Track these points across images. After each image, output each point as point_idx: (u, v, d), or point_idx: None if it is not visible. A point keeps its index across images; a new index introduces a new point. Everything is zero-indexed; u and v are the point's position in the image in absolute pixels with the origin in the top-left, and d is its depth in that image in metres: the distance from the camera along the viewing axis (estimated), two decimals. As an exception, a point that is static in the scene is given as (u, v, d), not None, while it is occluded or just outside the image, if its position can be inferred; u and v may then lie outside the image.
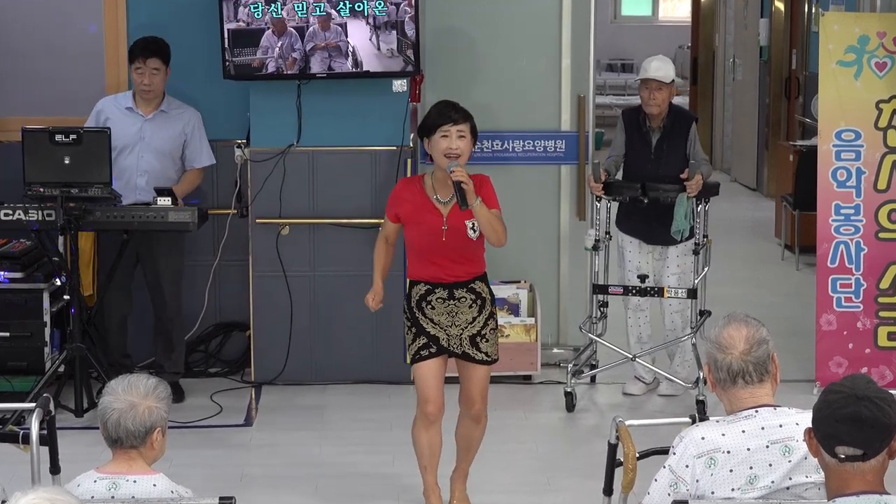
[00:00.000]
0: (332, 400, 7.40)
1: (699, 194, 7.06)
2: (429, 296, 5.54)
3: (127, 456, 3.73)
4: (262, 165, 7.48)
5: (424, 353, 5.54)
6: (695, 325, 7.17)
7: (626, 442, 4.15)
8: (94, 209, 6.79)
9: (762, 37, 14.05)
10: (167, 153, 7.21)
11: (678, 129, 7.20)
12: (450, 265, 5.53)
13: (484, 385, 5.63)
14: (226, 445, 6.73)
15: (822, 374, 7.36)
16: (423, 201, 5.54)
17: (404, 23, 7.17)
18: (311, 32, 7.24)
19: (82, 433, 6.44)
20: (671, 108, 7.24)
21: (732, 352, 3.71)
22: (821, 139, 7.44)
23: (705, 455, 3.63)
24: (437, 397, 5.54)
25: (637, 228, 7.30)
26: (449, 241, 5.49)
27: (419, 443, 5.63)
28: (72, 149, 6.67)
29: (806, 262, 10.35)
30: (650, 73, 7.14)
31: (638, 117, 7.25)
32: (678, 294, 7.12)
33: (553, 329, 8.00)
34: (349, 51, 7.21)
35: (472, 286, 5.57)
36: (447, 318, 5.53)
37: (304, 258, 7.56)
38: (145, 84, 7.12)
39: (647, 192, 7.09)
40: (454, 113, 5.50)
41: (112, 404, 3.72)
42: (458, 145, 5.45)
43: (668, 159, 7.17)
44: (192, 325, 7.73)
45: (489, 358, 5.59)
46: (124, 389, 3.74)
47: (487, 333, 5.57)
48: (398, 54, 7.21)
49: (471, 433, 5.70)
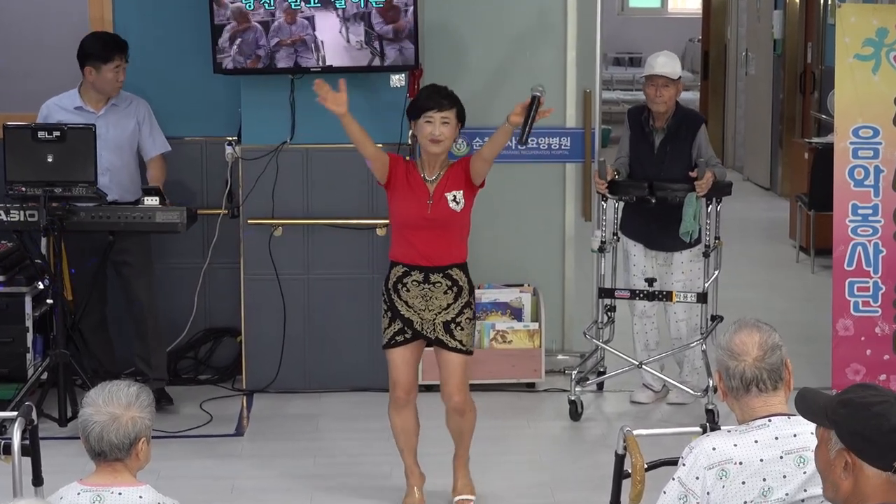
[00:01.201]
0: (326, 409, 7.39)
1: (710, 194, 7.03)
2: (405, 278, 5.77)
3: (111, 468, 3.73)
4: (254, 163, 7.48)
5: (399, 338, 5.79)
6: (705, 331, 7.15)
7: (633, 452, 4.15)
8: (79, 209, 6.79)
9: (776, 29, 14.06)
10: (125, 147, 7.21)
11: (684, 132, 7.17)
12: (429, 244, 5.72)
13: (460, 377, 5.82)
14: (216, 456, 6.72)
15: (839, 382, 7.36)
16: (416, 176, 5.79)
17: (370, 15, 7.16)
18: (276, 27, 7.24)
19: (66, 443, 6.43)
20: (678, 108, 7.22)
21: (745, 359, 3.71)
22: (837, 136, 7.44)
23: (716, 466, 3.63)
24: (406, 381, 5.82)
25: (639, 232, 7.29)
26: (434, 213, 5.71)
27: (394, 426, 5.93)
28: (55, 146, 6.67)
29: (822, 265, 10.35)
30: (656, 69, 7.13)
31: (641, 116, 7.24)
32: (688, 298, 7.09)
33: (557, 335, 8.00)
34: (315, 45, 7.20)
35: (449, 272, 5.77)
36: (421, 302, 5.75)
37: (297, 260, 7.56)
38: (119, 81, 7.15)
39: (654, 192, 7.08)
40: (441, 99, 5.74)
41: (93, 417, 3.71)
42: (442, 131, 5.70)
43: (671, 162, 7.13)
44: (181, 330, 7.73)
45: (463, 347, 5.79)
46: (105, 400, 3.73)
47: (463, 322, 5.77)
48: (366, 46, 7.21)
49: (458, 425, 5.94)
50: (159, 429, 5.78)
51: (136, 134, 7.26)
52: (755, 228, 12.59)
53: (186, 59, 7.60)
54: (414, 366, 5.86)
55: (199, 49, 7.40)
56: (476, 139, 7.77)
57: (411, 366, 5.84)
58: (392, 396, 5.87)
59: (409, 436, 5.93)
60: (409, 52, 7.26)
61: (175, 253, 7.67)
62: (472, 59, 7.83)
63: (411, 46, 7.24)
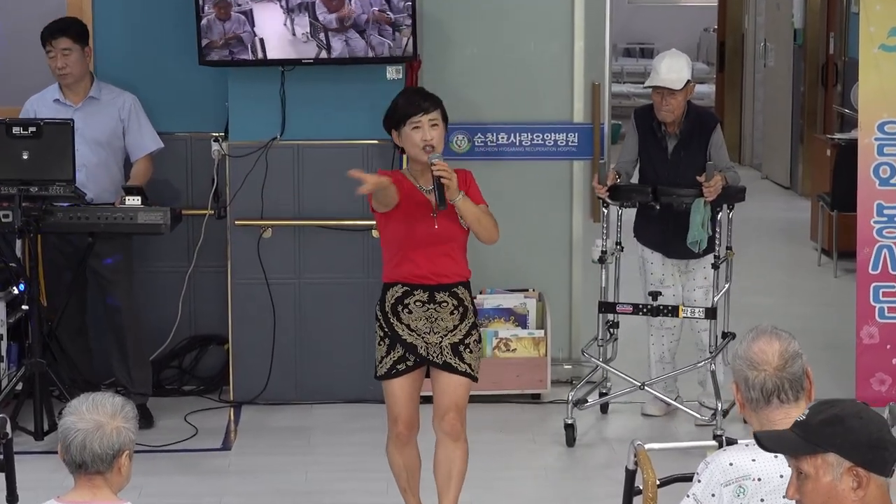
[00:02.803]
0: (319, 421, 7.39)
1: (721, 200, 6.89)
2: (406, 298, 5.53)
3: (91, 483, 3.72)
4: (242, 161, 7.48)
5: (401, 367, 5.52)
6: (714, 349, 7.00)
7: (645, 468, 4.15)
8: (56, 209, 6.78)
9: (796, 18, 14.06)
10: (104, 143, 7.20)
11: (698, 135, 7.06)
12: (434, 261, 5.52)
13: (462, 397, 5.57)
14: (201, 471, 6.72)
15: (863, 393, 7.36)
16: (410, 187, 5.56)
17: (315, 4, 7.16)
18: (206, 25, 7.21)
19: (42, 458, 6.43)
20: (690, 108, 7.10)
21: (766, 368, 3.70)
22: (861, 132, 7.44)
23: (734, 483, 3.63)
24: (409, 416, 5.56)
25: (655, 240, 7.21)
26: (441, 227, 5.51)
27: (395, 465, 5.66)
28: (31, 143, 6.67)
29: (845, 269, 10.34)
30: (661, 80, 6.96)
31: (652, 120, 7.11)
32: (694, 314, 6.95)
33: (564, 343, 7.99)
34: (253, 43, 7.20)
35: (455, 290, 5.57)
36: (425, 324, 5.52)
37: (288, 264, 7.56)
38: (59, 67, 7.12)
39: (658, 197, 6.96)
40: (423, 101, 5.54)
41: (76, 424, 3.71)
42: (433, 135, 5.47)
43: (686, 169, 6.99)
44: (165, 338, 7.73)
45: (472, 372, 5.56)
46: (89, 408, 3.73)
47: (471, 344, 5.56)
48: (312, 39, 7.21)
49: (450, 457, 5.57)
50: (142, 442, 5.76)
51: (118, 131, 7.24)
52: (774, 230, 12.59)
53: (169, 49, 7.60)
54: (416, 398, 5.58)
55: (184, 38, 7.40)
56: (478, 135, 7.77)
57: (414, 398, 5.56)
58: (393, 433, 5.59)
59: (412, 474, 5.66)
60: (355, 44, 7.21)
61: (158, 256, 7.67)
62: (473, 50, 7.83)
63: (356, 36, 7.21)
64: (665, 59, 7.07)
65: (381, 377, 5.58)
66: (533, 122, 7.85)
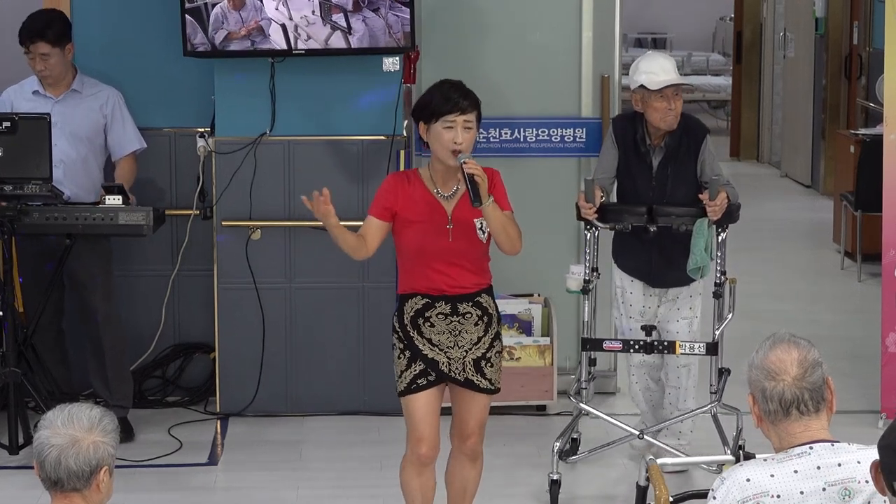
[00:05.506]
0: (310, 434, 7.40)
1: (722, 219, 6.45)
2: (427, 311, 5.49)
3: (68, 500, 3.73)
4: (229, 158, 7.49)
5: (421, 381, 5.47)
6: (715, 389, 6.57)
7: (657, 484, 4.15)
8: (32, 209, 6.79)
9: (818, 7, 14.08)
10: (83, 138, 7.22)
11: (686, 148, 6.62)
12: (454, 272, 5.49)
13: (483, 417, 5.60)
14: (186, 488, 6.73)
15: (889, 404, 7.37)
16: (424, 194, 5.49)
17: None
18: (217, 15, 7.22)
19: (17, 473, 6.45)
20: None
21: (784, 378, 3.71)
22: (887, 127, 7.45)
23: (751, 500, 3.63)
24: (432, 436, 5.50)
25: (638, 267, 6.76)
26: (456, 241, 5.46)
27: (410, 488, 5.61)
28: (5, 139, 6.69)
29: (869, 272, 10.36)
30: (671, 77, 6.55)
31: (635, 132, 6.65)
32: (694, 349, 6.52)
33: (572, 351, 7.99)
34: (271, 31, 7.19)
35: (479, 300, 5.54)
36: (449, 338, 5.49)
37: (278, 267, 7.57)
38: (39, 70, 7.18)
39: (655, 219, 6.50)
40: (462, 99, 5.41)
41: (50, 440, 3.71)
42: (464, 138, 5.37)
43: (673, 188, 6.61)
44: (147, 346, 7.74)
45: (493, 387, 5.55)
46: (64, 422, 3.73)
47: (493, 357, 5.54)
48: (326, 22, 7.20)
49: (466, 475, 5.66)
50: (122, 457, 5.76)
51: (100, 127, 7.26)
52: (794, 231, 12.61)
53: (152, 40, 7.60)
54: (438, 415, 5.50)
55: (167, 28, 7.40)
56: (479, 130, 7.75)
57: (436, 416, 5.49)
58: (414, 454, 5.51)
59: (427, 499, 5.61)
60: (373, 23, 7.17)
61: (140, 259, 7.68)
62: (476, 41, 7.83)
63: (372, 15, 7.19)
64: (656, 59, 6.69)
65: (401, 393, 5.52)
66: (538, 116, 7.86)
